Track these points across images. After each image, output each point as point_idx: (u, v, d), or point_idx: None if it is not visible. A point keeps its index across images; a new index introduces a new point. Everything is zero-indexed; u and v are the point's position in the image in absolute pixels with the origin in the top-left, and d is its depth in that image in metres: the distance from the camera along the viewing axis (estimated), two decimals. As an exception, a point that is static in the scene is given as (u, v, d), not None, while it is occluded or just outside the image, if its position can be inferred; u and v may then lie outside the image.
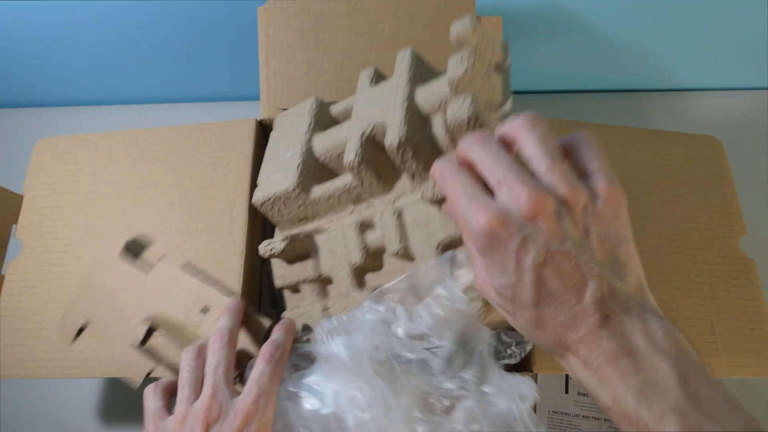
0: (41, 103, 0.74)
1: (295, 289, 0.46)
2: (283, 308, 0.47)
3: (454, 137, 0.35)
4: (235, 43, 0.65)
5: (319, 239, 0.43)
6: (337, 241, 0.41)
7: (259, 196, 0.44)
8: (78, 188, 0.51)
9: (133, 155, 0.51)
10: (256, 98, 0.52)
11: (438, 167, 0.30)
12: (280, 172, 0.43)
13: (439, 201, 0.35)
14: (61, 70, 0.70)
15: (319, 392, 0.36)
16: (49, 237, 0.49)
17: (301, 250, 0.43)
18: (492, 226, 0.26)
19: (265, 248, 0.43)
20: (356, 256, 0.40)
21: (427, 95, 0.37)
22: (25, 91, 0.73)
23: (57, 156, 0.52)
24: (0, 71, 0.70)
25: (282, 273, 0.45)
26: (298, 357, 0.39)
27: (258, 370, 0.36)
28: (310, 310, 0.43)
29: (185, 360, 0.37)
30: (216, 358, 0.37)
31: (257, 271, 0.49)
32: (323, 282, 0.44)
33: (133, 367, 0.43)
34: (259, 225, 0.50)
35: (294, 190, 0.42)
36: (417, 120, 0.37)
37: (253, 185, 0.48)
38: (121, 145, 0.52)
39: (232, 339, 0.38)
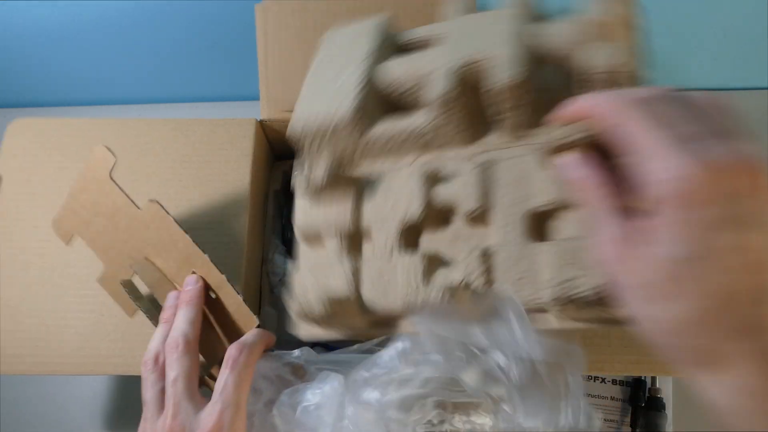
0: (41, 103, 0.74)
1: (316, 239, 0.38)
2: (283, 309, 0.45)
3: (583, 86, 0.30)
4: (234, 43, 0.65)
5: (368, 184, 0.36)
6: (391, 191, 0.35)
7: (298, 123, 0.36)
8: (60, 174, 0.48)
9: (124, 145, 0.49)
10: (256, 98, 0.52)
11: (607, 97, 0.25)
12: (328, 99, 0.36)
13: (559, 149, 0.28)
14: (61, 70, 0.70)
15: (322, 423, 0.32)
16: (27, 225, 0.46)
17: (338, 192, 0.37)
18: (707, 175, 0.21)
19: (299, 178, 0.37)
20: (414, 211, 0.34)
21: (549, 34, 0.32)
22: (25, 91, 0.73)
23: (34, 139, 0.49)
24: (0, 71, 0.70)
25: (306, 214, 0.38)
26: (287, 368, 0.36)
27: (221, 381, 0.33)
28: (338, 268, 0.36)
29: (144, 374, 0.35)
30: (174, 371, 0.33)
31: (257, 271, 0.49)
32: (357, 237, 0.37)
33: (125, 296, 0.40)
34: (260, 225, 0.50)
35: (350, 121, 0.35)
36: (532, 61, 0.32)
37: (254, 185, 0.48)
38: (110, 134, 0.50)
39: (189, 345, 0.34)
